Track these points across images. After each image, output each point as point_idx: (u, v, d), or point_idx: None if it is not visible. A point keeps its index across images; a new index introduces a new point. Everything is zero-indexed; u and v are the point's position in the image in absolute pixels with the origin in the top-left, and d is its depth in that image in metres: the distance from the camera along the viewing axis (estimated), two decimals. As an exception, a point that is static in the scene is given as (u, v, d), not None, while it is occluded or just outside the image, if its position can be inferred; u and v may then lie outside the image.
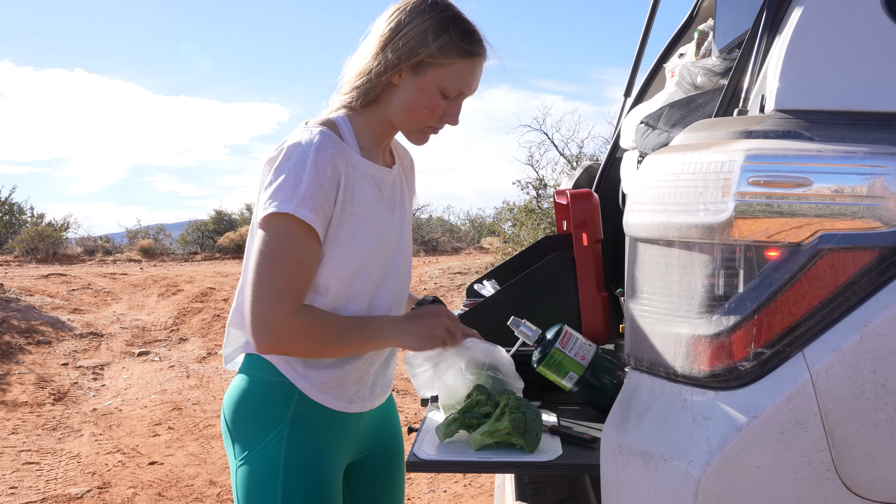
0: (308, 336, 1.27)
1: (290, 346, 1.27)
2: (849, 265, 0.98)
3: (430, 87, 1.32)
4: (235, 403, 1.36)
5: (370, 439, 1.50)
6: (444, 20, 1.30)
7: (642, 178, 1.17)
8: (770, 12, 1.15)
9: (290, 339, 1.25)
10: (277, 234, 1.23)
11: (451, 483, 3.83)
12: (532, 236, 10.97)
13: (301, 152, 1.25)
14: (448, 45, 1.29)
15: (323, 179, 1.25)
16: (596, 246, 1.86)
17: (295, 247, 1.24)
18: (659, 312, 1.11)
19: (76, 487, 3.82)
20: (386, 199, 1.40)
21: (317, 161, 1.24)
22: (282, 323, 1.23)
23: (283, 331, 1.24)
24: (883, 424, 0.97)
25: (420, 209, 19.99)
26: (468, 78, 1.34)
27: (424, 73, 1.31)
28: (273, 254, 1.23)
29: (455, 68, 1.31)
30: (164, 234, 19.68)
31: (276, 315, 1.23)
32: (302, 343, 1.27)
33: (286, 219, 1.23)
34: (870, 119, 1.04)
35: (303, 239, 1.24)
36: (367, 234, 1.33)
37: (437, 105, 1.33)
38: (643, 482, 1.06)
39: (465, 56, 1.31)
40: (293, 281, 1.24)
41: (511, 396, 1.40)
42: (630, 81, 2.81)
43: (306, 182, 1.23)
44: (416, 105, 1.33)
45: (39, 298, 8.63)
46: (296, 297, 1.25)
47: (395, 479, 1.60)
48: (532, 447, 1.35)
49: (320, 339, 1.28)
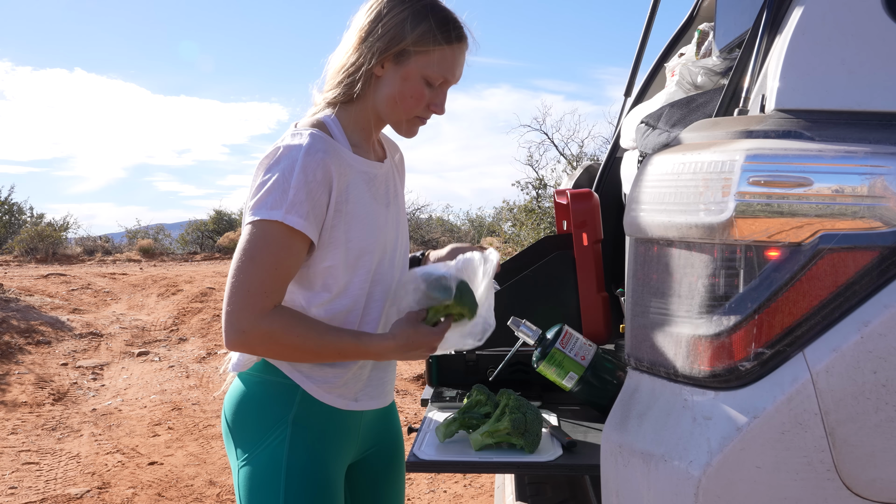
0: (275, 340, 1.25)
1: (257, 346, 1.26)
2: (849, 265, 0.97)
3: (414, 76, 1.33)
4: (237, 404, 1.36)
5: (371, 439, 1.50)
6: (422, 8, 1.31)
7: (643, 178, 1.17)
8: (770, 12, 1.15)
9: (258, 339, 1.24)
10: (260, 236, 1.23)
11: (452, 483, 3.83)
12: (532, 236, 10.97)
13: (290, 157, 1.25)
14: (428, 32, 1.30)
15: (312, 184, 1.24)
16: (596, 246, 1.86)
17: (275, 249, 1.24)
18: (659, 312, 1.11)
19: (76, 488, 3.82)
20: (380, 194, 1.40)
21: (305, 165, 1.24)
22: (250, 323, 1.23)
23: (250, 330, 1.23)
24: (883, 424, 0.97)
25: (419, 209, 19.98)
26: (451, 65, 1.35)
27: (407, 62, 1.32)
28: (251, 253, 1.23)
29: (437, 55, 1.32)
30: (163, 234, 19.69)
31: (245, 314, 1.22)
32: (269, 346, 1.26)
33: (274, 225, 1.23)
34: (870, 119, 1.04)
35: (286, 243, 1.24)
36: (362, 231, 1.33)
37: (422, 93, 1.34)
38: (643, 482, 1.06)
39: (446, 43, 1.32)
40: (267, 282, 1.24)
41: (511, 397, 1.40)
42: (630, 81, 2.81)
43: (295, 187, 1.23)
44: (401, 95, 1.33)
45: (39, 298, 8.63)
46: (267, 298, 1.24)
47: (395, 479, 1.60)
48: (532, 447, 1.35)
49: (289, 344, 1.26)
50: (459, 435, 1.44)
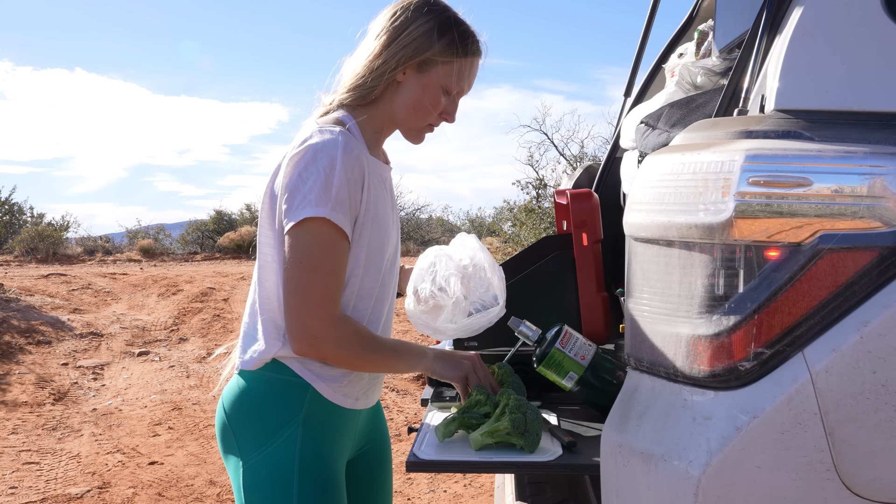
0: (347, 344, 1.29)
1: (328, 352, 1.28)
2: (849, 265, 0.97)
3: (434, 85, 1.36)
4: (242, 403, 1.35)
5: (365, 437, 1.53)
6: (446, 20, 1.35)
7: (642, 178, 1.17)
8: (770, 12, 1.15)
9: (331, 345, 1.27)
10: (311, 240, 1.24)
11: (451, 483, 3.83)
12: (532, 236, 10.97)
13: (329, 154, 1.25)
14: (451, 44, 1.35)
15: (351, 182, 1.26)
16: (596, 246, 1.86)
17: (330, 254, 1.25)
18: (659, 312, 1.11)
19: (76, 487, 3.82)
20: (389, 195, 1.44)
21: (346, 163, 1.25)
22: (323, 329, 1.25)
23: (324, 336, 1.26)
24: (883, 424, 0.97)
25: (419, 209, 19.99)
26: (468, 76, 1.40)
27: (429, 71, 1.36)
28: (310, 263, 1.24)
29: (457, 66, 1.37)
30: (164, 234, 19.69)
31: (316, 321, 1.25)
32: (340, 351, 1.29)
33: (320, 223, 1.23)
34: (870, 119, 1.04)
35: (336, 244, 1.26)
36: (377, 231, 1.35)
37: (439, 102, 1.38)
38: (643, 482, 1.06)
39: (466, 55, 1.37)
40: (331, 288, 1.26)
41: (511, 397, 1.40)
42: (630, 81, 2.81)
43: (337, 185, 1.24)
44: (420, 102, 1.37)
45: (39, 298, 8.63)
46: (335, 304, 1.27)
47: (387, 475, 1.63)
48: (532, 447, 1.35)
49: (358, 349, 1.31)
50: (459, 435, 1.44)
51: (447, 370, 1.42)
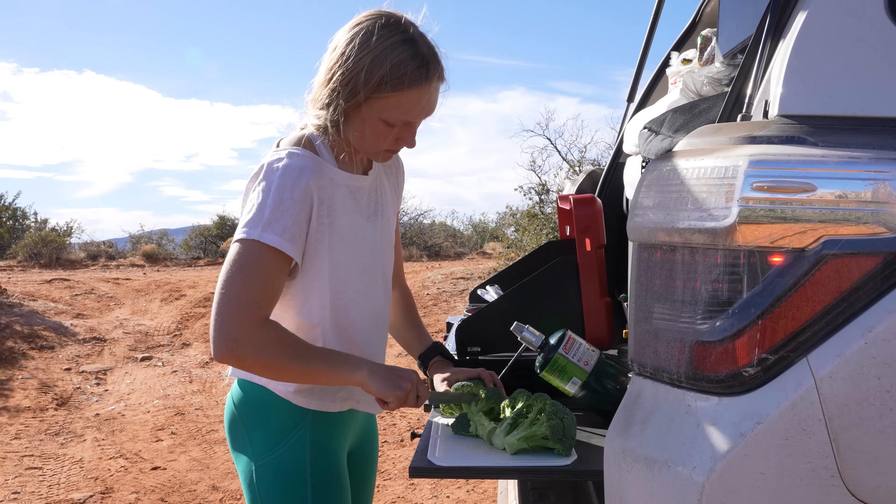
0: (267, 350, 1.25)
1: (247, 356, 1.24)
2: (853, 270, 0.97)
3: (372, 119, 1.31)
4: (252, 401, 1.39)
5: (358, 437, 1.58)
6: (382, 53, 1.26)
7: (645, 184, 1.17)
8: (773, 17, 1.15)
9: (249, 349, 1.23)
10: (242, 252, 1.26)
11: (455, 488, 3.82)
12: (535, 241, 10.97)
13: (268, 177, 1.28)
14: (382, 83, 1.27)
15: (289, 202, 1.27)
16: (599, 251, 1.86)
17: (260, 264, 1.26)
18: (662, 318, 1.10)
19: (79, 493, 3.82)
20: (362, 206, 1.42)
21: (281, 185, 1.27)
22: (241, 331, 1.23)
23: (243, 339, 1.23)
24: (887, 430, 0.96)
25: (422, 214, 20.00)
26: (410, 108, 1.31)
27: (361, 108, 1.30)
28: (240, 266, 1.25)
29: (392, 101, 1.29)
30: (167, 239, 19.71)
31: (237, 323, 1.23)
32: (259, 356, 1.24)
33: (253, 244, 1.25)
34: (874, 124, 1.04)
35: (268, 260, 1.26)
36: (343, 243, 1.35)
37: (384, 133, 1.33)
38: (647, 488, 1.05)
39: (400, 90, 1.28)
40: (255, 294, 1.25)
41: (547, 402, 1.42)
42: (633, 86, 2.81)
43: (270, 207, 1.26)
44: (363, 135, 1.33)
45: (42, 303, 8.64)
46: (260, 309, 1.25)
47: (372, 472, 1.67)
48: (568, 451, 1.37)
49: (279, 356, 1.26)
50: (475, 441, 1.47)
51: (384, 387, 1.33)
